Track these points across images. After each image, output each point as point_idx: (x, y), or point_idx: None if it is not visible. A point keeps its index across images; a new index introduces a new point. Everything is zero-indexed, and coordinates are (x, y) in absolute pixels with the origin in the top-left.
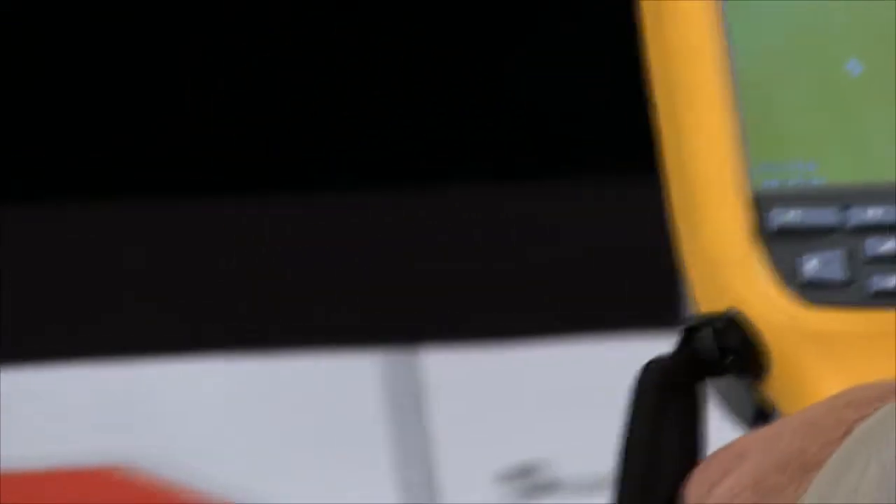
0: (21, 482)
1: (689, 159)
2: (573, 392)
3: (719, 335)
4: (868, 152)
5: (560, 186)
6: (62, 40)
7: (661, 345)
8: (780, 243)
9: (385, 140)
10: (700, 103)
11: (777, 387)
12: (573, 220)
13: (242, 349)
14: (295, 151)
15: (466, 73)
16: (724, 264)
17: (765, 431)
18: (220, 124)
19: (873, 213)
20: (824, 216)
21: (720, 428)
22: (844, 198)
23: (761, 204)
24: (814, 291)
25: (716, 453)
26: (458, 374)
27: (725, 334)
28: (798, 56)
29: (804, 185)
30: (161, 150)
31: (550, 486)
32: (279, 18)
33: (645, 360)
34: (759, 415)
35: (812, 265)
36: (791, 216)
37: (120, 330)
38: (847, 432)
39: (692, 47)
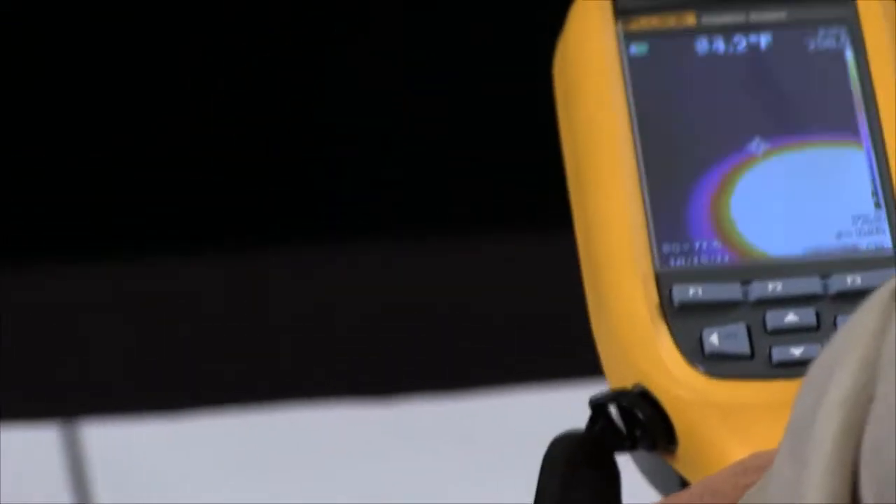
0: None
1: (595, 239)
2: None
3: (626, 411)
4: (769, 229)
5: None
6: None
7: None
8: (684, 319)
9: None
10: (607, 185)
11: (685, 458)
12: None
13: None
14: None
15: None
16: (630, 341)
17: (669, 499)
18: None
19: (773, 287)
20: (726, 291)
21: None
22: (746, 273)
23: (665, 281)
24: (717, 364)
25: None
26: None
27: (632, 410)
28: (703, 138)
29: (707, 262)
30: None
31: None
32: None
33: None
34: (684, 485)
35: (715, 339)
36: (692, 292)
37: None
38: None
39: (600, 129)
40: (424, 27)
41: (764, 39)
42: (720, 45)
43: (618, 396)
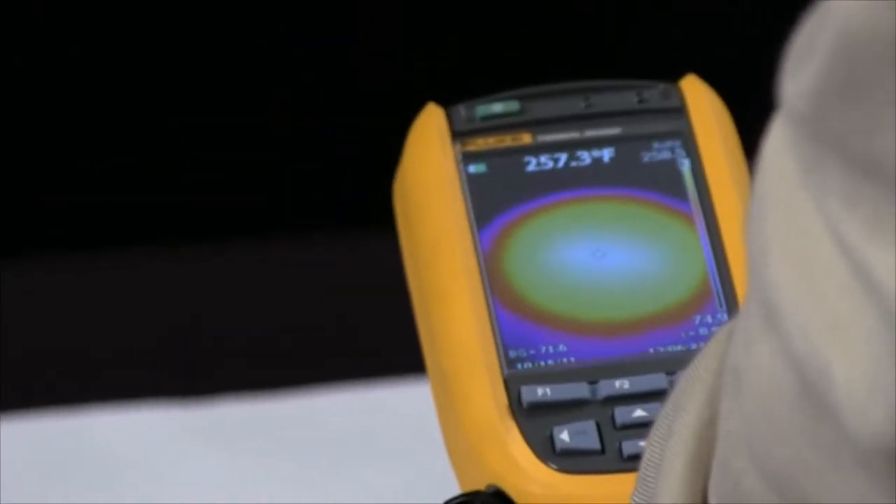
0: None
1: (443, 350)
2: None
3: None
4: (615, 331)
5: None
6: None
7: None
8: (534, 418)
9: None
10: (452, 298)
11: None
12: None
13: None
14: None
15: None
16: (482, 442)
17: None
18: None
19: (620, 385)
20: (574, 391)
21: None
22: (593, 373)
23: (513, 384)
24: (569, 460)
25: None
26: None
27: None
28: (546, 251)
29: (553, 364)
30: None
31: None
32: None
33: None
34: None
35: (565, 436)
36: (541, 392)
37: None
38: None
39: (444, 247)
40: None
41: (599, 154)
42: (555, 160)
43: (472, 497)
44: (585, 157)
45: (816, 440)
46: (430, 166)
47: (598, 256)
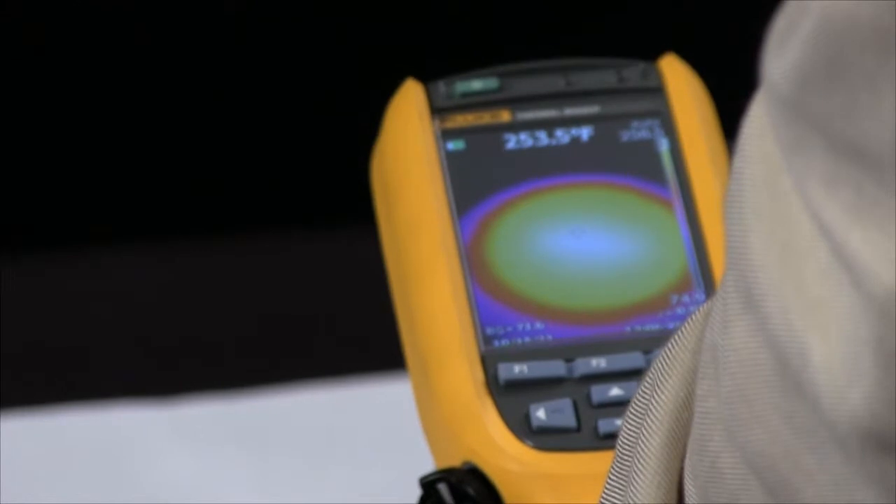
0: None
1: (420, 327)
2: None
3: (456, 488)
4: (592, 309)
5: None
6: None
7: None
8: (510, 396)
9: None
10: (430, 275)
11: None
12: None
13: None
14: None
15: None
16: (458, 419)
17: None
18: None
19: (597, 363)
20: (551, 368)
21: None
22: (569, 351)
23: (490, 361)
24: (545, 438)
25: None
26: None
27: (462, 486)
28: (525, 237)
29: (530, 341)
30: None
31: None
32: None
33: None
34: None
35: (542, 414)
36: (518, 370)
37: None
38: None
39: (422, 222)
40: None
41: (578, 133)
42: (534, 138)
43: (447, 474)
44: (564, 136)
45: (793, 421)
46: (409, 142)
47: (576, 242)
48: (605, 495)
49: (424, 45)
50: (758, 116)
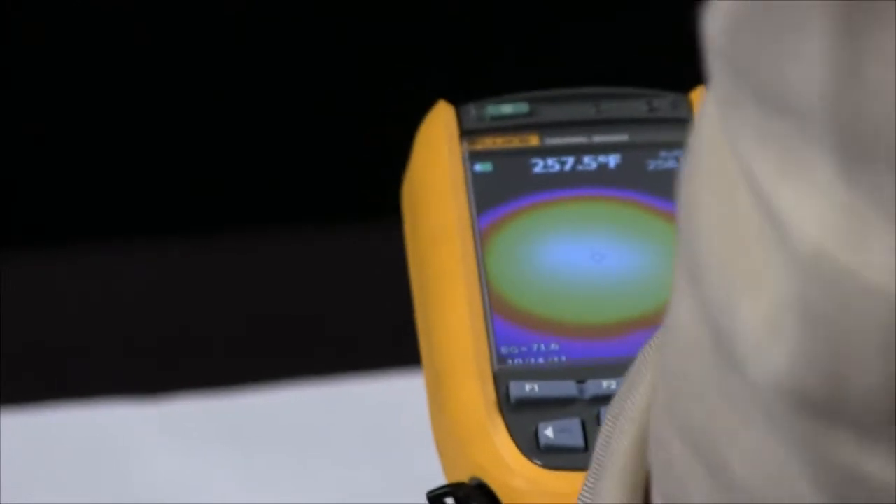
0: None
1: (437, 344)
2: None
3: (462, 502)
4: (606, 332)
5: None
6: None
7: None
8: (520, 414)
9: None
10: (449, 292)
11: None
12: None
13: None
14: None
15: None
16: (467, 435)
17: None
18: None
19: (608, 385)
20: (563, 388)
21: None
22: (582, 372)
23: (502, 379)
24: (553, 457)
25: None
26: None
27: (469, 501)
28: (542, 251)
29: (544, 361)
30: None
31: None
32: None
33: None
34: None
35: (550, 432)
36: (529, 388)
37: None
38: None
39: (444, 240)
40: None
41: (605, 160)
42: (561, 163)
43: (454, 489)
44: (591, 162)
45: (726, 392)
46: (437, 163)
47: (591, 258)
48: (580, 496)
49: (424, 45)
50: (707, 81)
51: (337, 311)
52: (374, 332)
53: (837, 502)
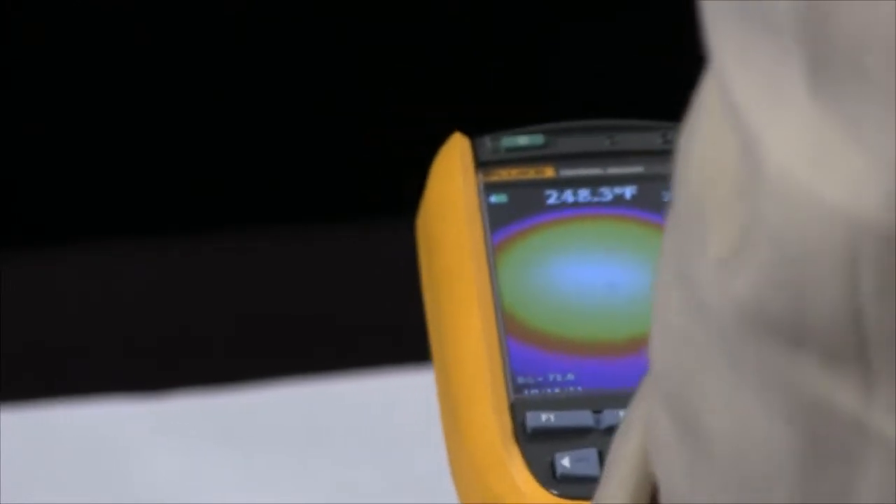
0: None
1: (453, 375)
2: None
3: None
4: (623, 364)
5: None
6: None
7: None
8: (537, 444)
9: None
10: (465, 323)
11: None
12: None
13: None
14: None
15: None
16: (484, 464)
17: None
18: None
19: (624, 415)
20: (579, 418)
21: None
22: (599, 402)
23: (519, 409)
24: (569, 486)
25: None
26: None
27: None
28: (556, 273)
29: (560, 392)
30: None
31: None
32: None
33: None
34: None
35: (567, 462)
36: (545, 418)
37: None
38: None
39: (460, 271)
40: None
41: (621, 192)
42: (576, 195)
43: None
44: (607, 193)
45: (693, 341)
46: (452, 194)
47: (605, 278)
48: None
49: (424, 45)
50: None
51: (336, 311)
52: (373, 330)
53: (810, 442)
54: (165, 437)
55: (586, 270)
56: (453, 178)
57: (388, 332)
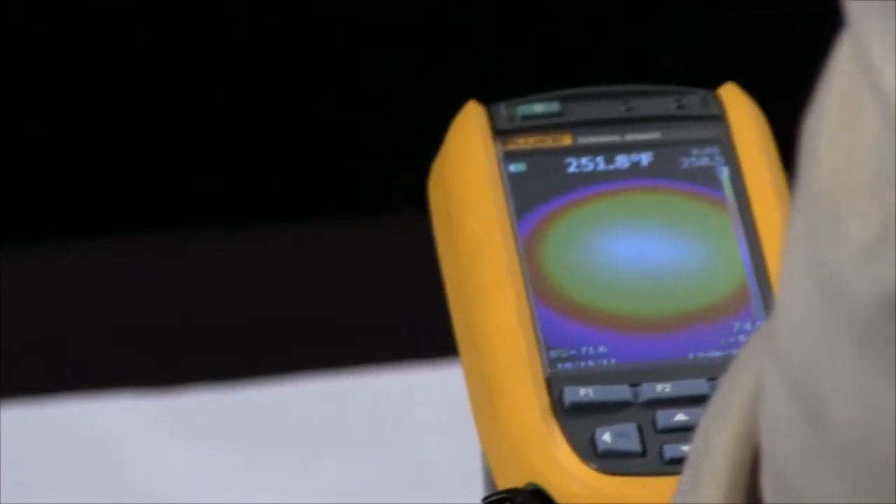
0: None
1: (483, 350)
2: None
3: None
4: (656, 334)
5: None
6: None
7: None
8: (575, 419)
9: None
10: (493, 297)
11: None
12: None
13: None
14: None
15: None
16: (522, 442)
17: None
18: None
19: (661, 388)
20: (616, 392)
21: None
22: (635, 376)
23: (556, 384)
24: (610, 462)
25: None
26: None
27: None
28: (586, 244)
29: (594, 365)
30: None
31: None
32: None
33: None
34: None
35: (607, 437)
36: (583, 393)
37: None
38: None
39: (485, 245)
40: None
41: (638, 158)
42: (595, 163)
43: (512, 495)
44: (624, 160)
45: (826, 327)
46: (472, 163)
47: (636, 258)
48: (674, 499)
49: (424, 45)
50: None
51: (336, 310)
52: (373, 330)
53: None
54: (167, 434)
55: (617, 242)
56: (472, 146)
57: (389, 331)
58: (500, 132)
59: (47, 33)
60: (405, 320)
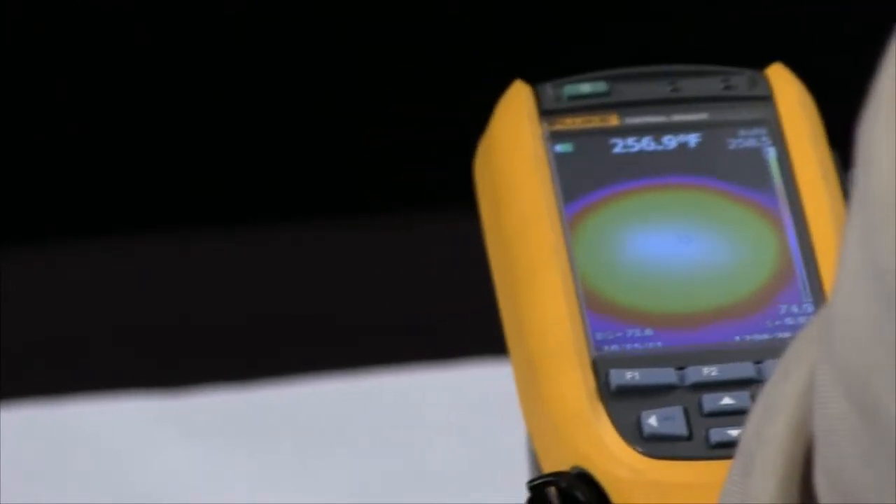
0: None
1: (529, 331)
2: None
3: (565, 492)
4: (701, 318)
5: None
6: None
7: None
8: (621, 402)
9: None
10: (540, 278)
11: None
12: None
13: None
14: None
15: None
16: (569, 424)
17: None
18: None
19: (708, 372)
20: (662, 376)
21: None
22: (680, 359)
23: (601, 366)
24: (656, 445)
25: None
26: None
27: (572, 491)
28: (629, 241)
29: (641, 347)
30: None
31: None
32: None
33: None
34: None
35: (653, 421)
36: (629, 376)
37: None
38: None
39: (532, 226)
40: None
41: (685, 139)
42: (641, 143)
43: (556, 478)
44: (671, 141)
45: (884, 330)
46: (519, 144)
47: (679, 245)
48: (725, 489)
49: (424, 45)
50: None
51: (336, 310)
52: (374, 330)
53: None
54: (168, 434)
55: (658, 239)
56: (519, 126)
57: (389, 331)
58: (546, 112)
59: (47, 33)
60: (406, 320)
